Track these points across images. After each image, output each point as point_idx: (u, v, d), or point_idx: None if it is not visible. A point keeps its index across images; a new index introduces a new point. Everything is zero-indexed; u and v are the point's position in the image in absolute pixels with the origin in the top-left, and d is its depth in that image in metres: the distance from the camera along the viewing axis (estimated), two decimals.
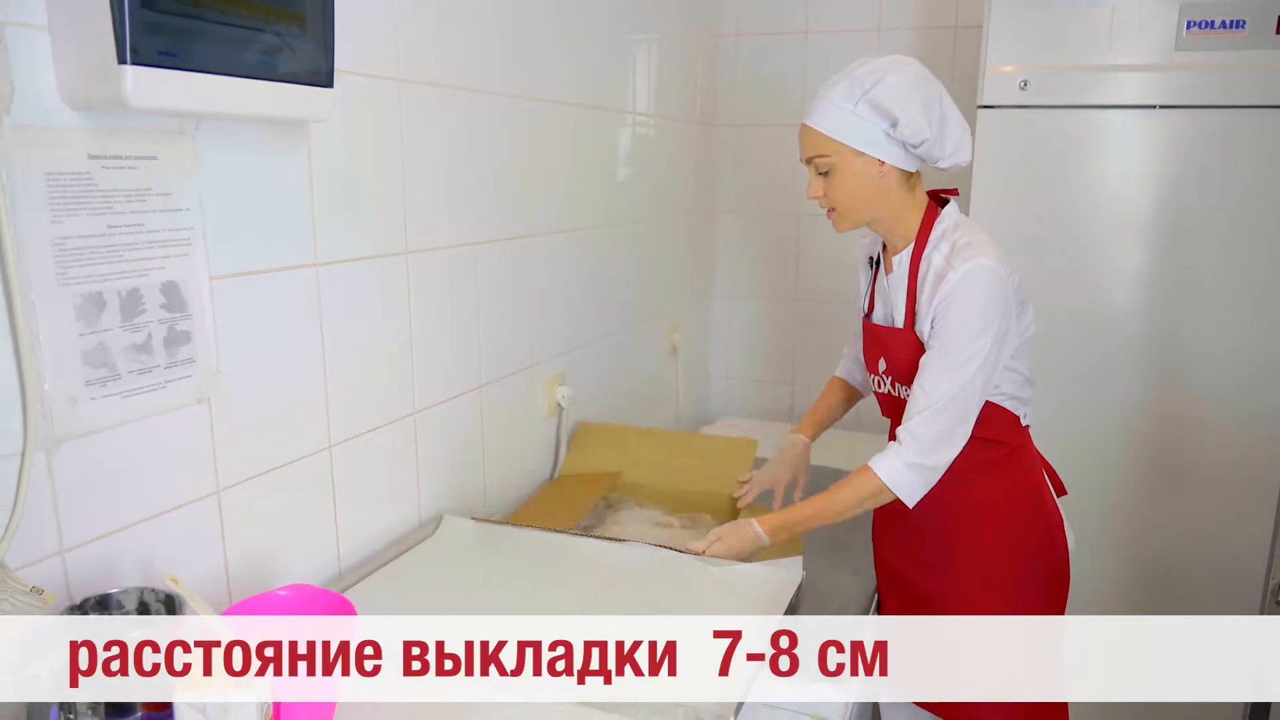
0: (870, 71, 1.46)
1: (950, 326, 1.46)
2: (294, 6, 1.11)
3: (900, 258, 1.58)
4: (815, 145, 1.50)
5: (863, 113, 1.46)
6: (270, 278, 1.26)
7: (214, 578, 1.21)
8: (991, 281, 1.45)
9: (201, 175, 1.14)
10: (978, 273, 1.44)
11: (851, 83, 1.47)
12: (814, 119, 1.50)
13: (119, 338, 1.05)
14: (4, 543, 0.94)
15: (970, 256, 1.46)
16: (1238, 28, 1.92)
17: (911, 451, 1.45)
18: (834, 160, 1.49)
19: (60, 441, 1.00)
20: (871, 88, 1.45)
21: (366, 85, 1.39)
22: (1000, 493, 1.59)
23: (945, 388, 1.45)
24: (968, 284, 1.45)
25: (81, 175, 0.99)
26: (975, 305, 1.45)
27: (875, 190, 1.51)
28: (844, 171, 1.50)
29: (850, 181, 1.50)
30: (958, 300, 1.45)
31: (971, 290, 1.44)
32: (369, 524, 1.51)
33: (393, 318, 1.52)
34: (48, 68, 0.95)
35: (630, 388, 2.45)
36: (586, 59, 2.08)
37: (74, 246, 0.99)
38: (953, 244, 1.50)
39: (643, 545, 1.53)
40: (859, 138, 1.47)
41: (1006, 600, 1.58)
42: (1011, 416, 1.59)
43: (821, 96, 1.50)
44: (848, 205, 1.53)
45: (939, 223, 1.54)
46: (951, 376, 1.45)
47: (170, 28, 0.96)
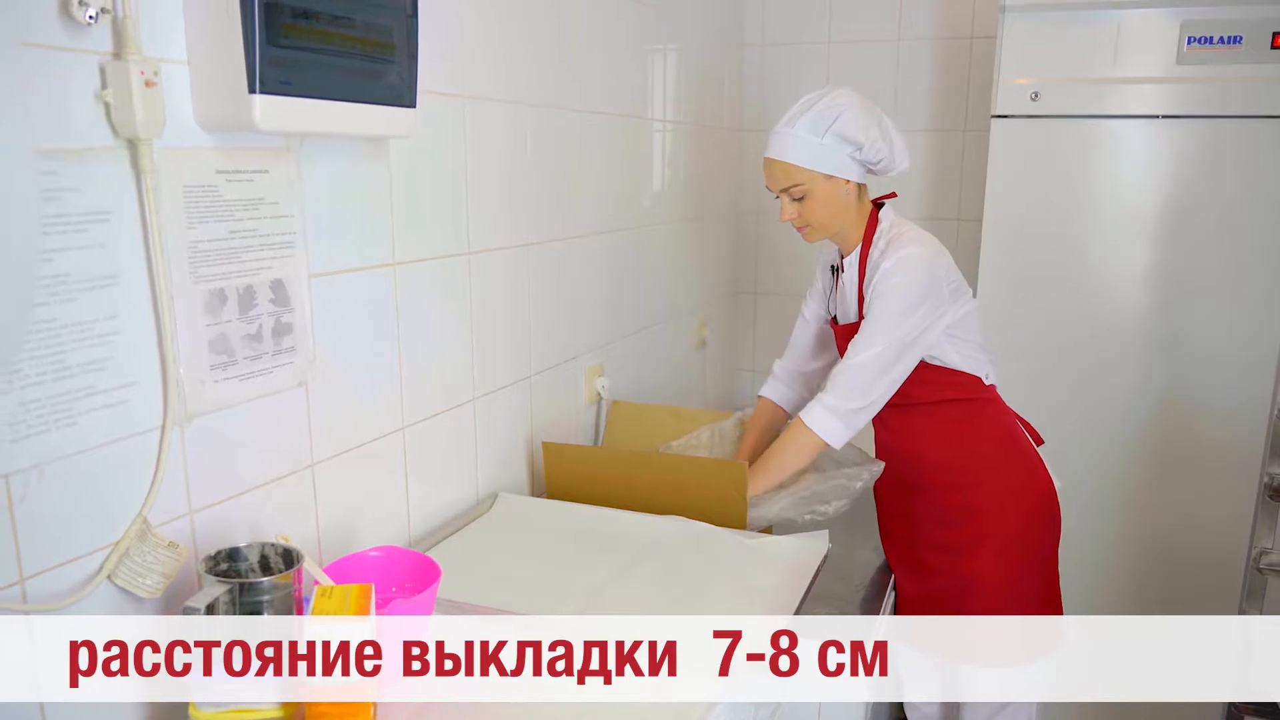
0: (829, 107, 1.68)
1: (879, 302, 1.69)
2: (386, 37, 1.26)
3: (850, 259, 1.81)
4: (788, 176, 1.72)
5: (829, 143, 1.69)
6: (357, 276, 1.42)
7: (308, 539, 1.37)
8: (916, 265, 1.68)
9: (303, 186, 1.29)
10: (906, 259, 1.68)
11: (815, 117, 1.68)
12: (784, 153, 1.71)
13: (237, 328, 1.21)
14: (148, 503, 1.10)
15: (900, 246, 1.70)
16: (1235, 43, 2.04)
17: (831, 397, 1.69)
18: (807, 187, 1.71)
19: (191, 418, 1.16)
20: (834, 120, 1.67)
21: (437, 102, 1.54)
22: (977, 441, 1.79)
23: (867, 348, 1.68)
24: (896, 268, 1.68)
25: (210, 188, 1.15)
26: (902, 285, 1.67)
27: (842, 205, 1.74)
28: (817, 194, 1.72)
29: (823, 201, 1.73)
30: (887, 282, 1.68)
31: (899, 273, 1.68)
32: (434, 499, 1.66)
33: (456, 312, 1.67)
34: (186, 96, 1.11)
35: (662, 379, 2.60)
36: (624, 72, 2.23)
37: (203, 249, 1.15)
38: (888, 239, 1.74)
39: (680, 519, 1.68)
40: (828, 164, 1.70)
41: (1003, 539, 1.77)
42: (972, 378, 1.79)
43: (784, 134, 1.71)
44: (823, 221, 1.75)
45: (879, 224, 1.78)
46: (873, 339, 1.68)
47: (289, 60, 1.11)
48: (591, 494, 1.82)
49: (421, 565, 1.27)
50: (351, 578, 1.24)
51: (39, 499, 0.98)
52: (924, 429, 1.80)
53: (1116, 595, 2.38)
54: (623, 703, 1.15)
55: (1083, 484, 2.34)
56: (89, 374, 1.02)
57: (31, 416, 0.97)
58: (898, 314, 1.68)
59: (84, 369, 1.02)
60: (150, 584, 1.09)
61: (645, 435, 2.14)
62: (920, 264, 1.68)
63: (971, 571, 1.78)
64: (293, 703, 1.04)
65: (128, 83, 1.00)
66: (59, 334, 0.98)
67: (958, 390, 1.78)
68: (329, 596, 1.04)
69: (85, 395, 1.02)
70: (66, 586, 1.02)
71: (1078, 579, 2.36)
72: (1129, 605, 2.37)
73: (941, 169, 2.79)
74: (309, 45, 1.13)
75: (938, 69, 2.78)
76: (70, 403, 1.00)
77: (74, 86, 0.98)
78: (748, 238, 3.15)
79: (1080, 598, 2.38)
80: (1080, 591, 2.38)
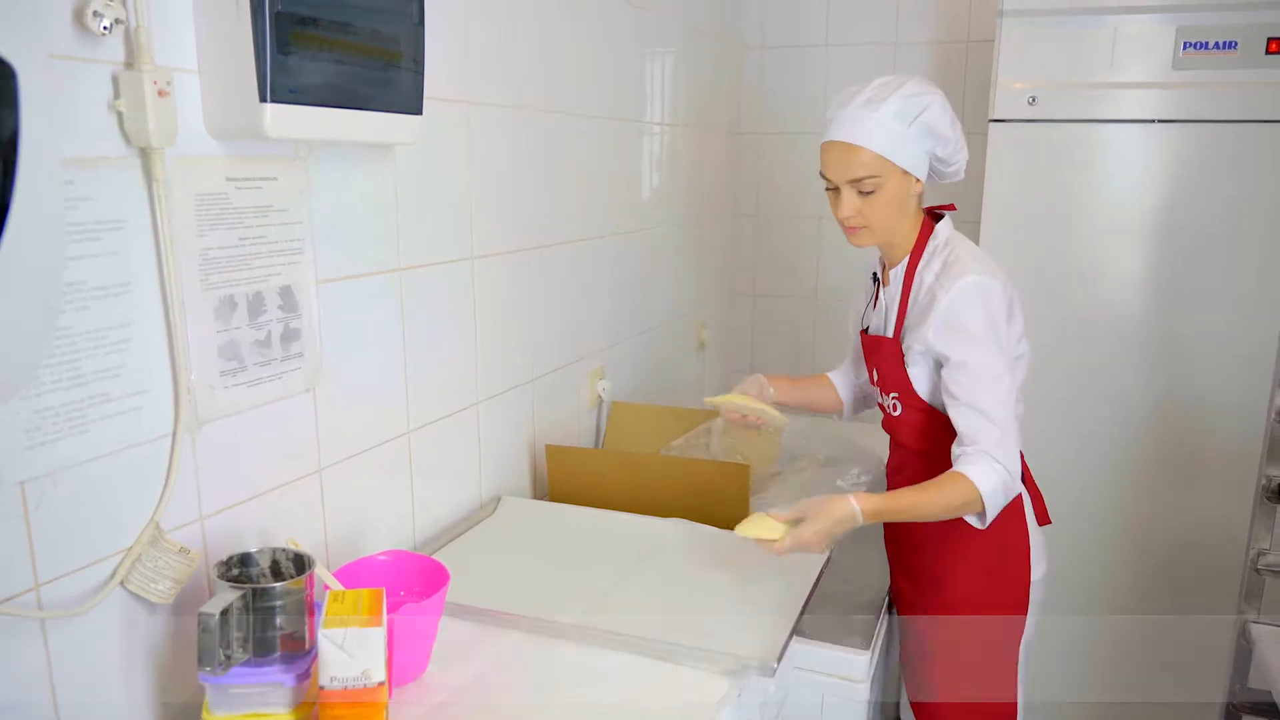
0: (919, 94, 1.48)
1: (962, 348, 1.47)
2: (394, 45, 1.27)
3: (896, 271, 1.61)
4: (864, 165, 1.48)
5: (915, 134, 1.48)
6: (363, 281, 1.43)
7: (316, 543, 1.38)
8: (980, 294, 1.47)
9: (311, 193, 1.30)
10: (966, 290, 1.46)
11: (903, 102, 1.47)
12: (863, 138, 1.47)
13: (246, 334, 1.22)
14: (160, 509, 1.11)
15: (957, 275, 1.48)
16: (1230, 48, 2.06)
17: (1004, 467, 1.43)
18: (881, 180, 1.49)
19: (202, 424, 1.16)
20: (924, 110, 1.47)
21: (441, 108, 1.55)
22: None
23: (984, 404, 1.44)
24: (961, 303, 1.46)
25: (220, 195, 1.16)
26: (976, 322, 1.46)
27: (906, 207, 1.55)
28: (888, 191, 1.50)
29: (892, 200, 1.51)
30: (958, 322, 1.47)
31: (967, 308, 1.46)
32: (438, 502, 1.67)
33: (460, 317, 1.68)
34: (197, 105, 1.12)
35: (662, 381, 2.61)
36: (624, 76, 2.24)
37: (214, 256, 1.16)
38: (943, 261, 1.53)
39: (683, 521, 1.69)
40: (908, 158, 1.49)
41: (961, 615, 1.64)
42: None
43: (864, 116, 1.47)
44: (884, 222, 1.53)
45: (933, 238, 1.57)
46: (982, 392, 1.44)
47: (299, 69, 1.12)
48: (594, 496, 1.83)
49: (430, 569, 1.28)
50: (361, 582, 1.25)
51: (53, 505, 0.99)
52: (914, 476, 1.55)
53: (1115, 596, 2.40)
54: (629, 703, 1.17)
55: (1081, 486, 2.36)
56: (102, 381, 1.03)
57: (46, 424, 0.97)
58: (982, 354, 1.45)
59: (97, 376, 1.02)
60: (162, 589, 1.09)
61: (646, 436, 2.15)
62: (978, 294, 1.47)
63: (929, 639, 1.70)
64: (306, 707, 1.05)
65: (140, 92, 1.01)
66: (74, 341, 0.99)
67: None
68: (341, 601, 1.05)
69: (99, 402, 1.03)
70: (80, 592, 1.03)
71: (1077, 580, 2.39)
72: (1128, 606, 2.39)
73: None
74: (318, 54, 1.14)
75: (935, 73, 2.79)
76: (84, 410, 1.01)
77: (87, 96, 0.99)
78: (746, 240, 3.16)
79: (1079, 598, 2.40)
80: (1079, 592, 2.40)
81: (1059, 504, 2.37)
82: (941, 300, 1.48)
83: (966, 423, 1.46)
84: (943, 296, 1.48)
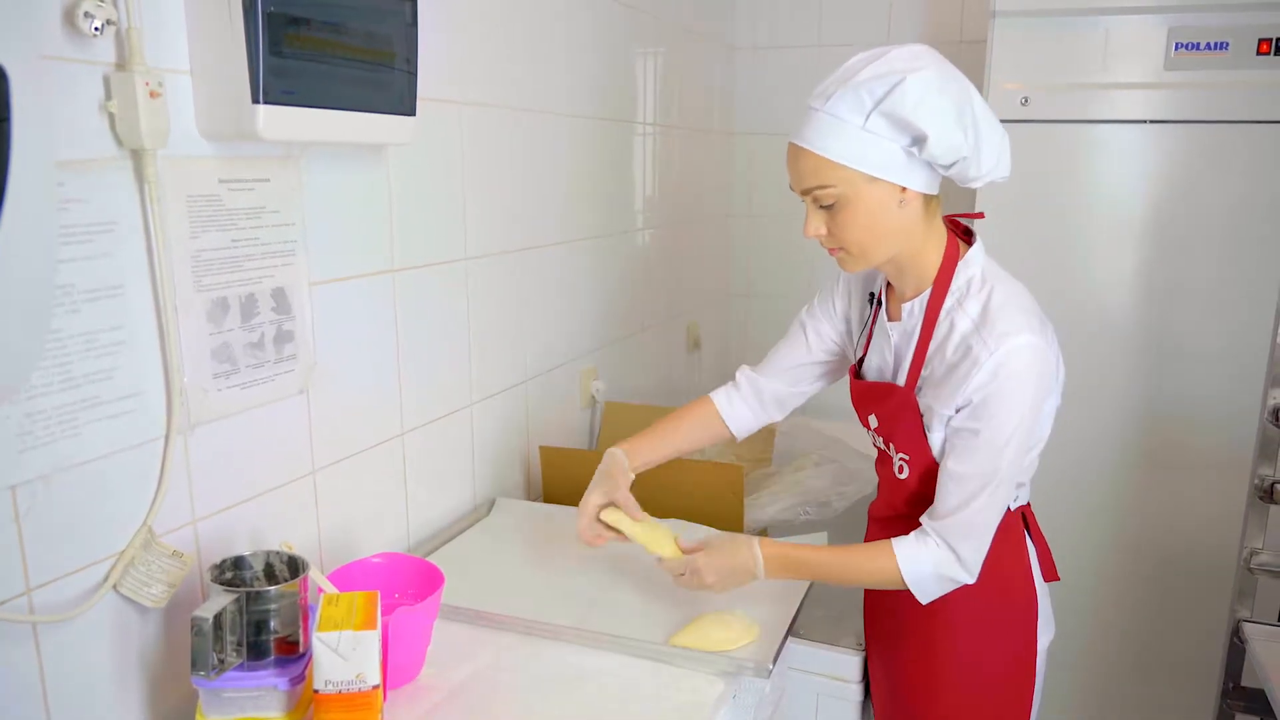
0: (882, 74, 1.14)
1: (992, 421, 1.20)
2: (387, 46, 1.26)
3: (912, 306, 1.30)
4: (815, 173, 1.19)
5: (877, 128, 1.15)
6: (356, 283, 1.42)
7: (309, 545, 1.37)
8: (1035, 363, 1.20)
9: (304, 194, 1.30)
10: (1021, 355, 1.19)
11: (857, 90, 1.14)
12: (809, 139, 1.19)
13: (239, 336, 1.21)
14: (153, 513, 1.10)
15: (1008, 334, 1.19)
16: (1222, 49, 2.07)
17: (948, 563, 1.23)
18: (841, 191, 1.18)
19: (195, 427, 1.16)
20: (885, 96, 1.13)
21: (433, 109, 1.55)
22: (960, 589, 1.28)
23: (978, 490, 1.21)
24: (1012, 371, 1.19)
25: (213, 197, 1.15)
26: (1022, 395, 1.20)
27: (895, 224, 1.22)
28: (856, 204, 1.19)
29: (864, 216, 1.20)
30: (1001, 391, 1.19)
31: (1017, 378, 1.19)
32: (432, 504, 1.67)
33: (453, 318, 1.68)
34: (189, 106, 1.11)
35: (656, 381, 2.61)
36: (616, 77, 2.24)
37: (206, 258, 1.15)
38: (983, 306, 1.23)
39: (678, 522, 1.67)
40: (873, 161, 1.16)
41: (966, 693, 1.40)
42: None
43: (816, 109, 1.18)
44: (863, 244, 1.23)
45: (962, 268, 1.26)
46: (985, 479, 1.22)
47: (292, 70, 1.11)
48: None
49: (424, 571, 1.27)
50: (355, 585, 1.25)
51: (45, 510, 0.99)
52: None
53: (1109, 595, 2.40)
54: (624, 704, 1.16)
55: (1074, 486, 2.36)
56: (94, 384, 1.02)
57: (38, 427, 0.97)
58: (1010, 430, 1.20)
59: (89, 379, 1.02)
60: (155, 593, 1.09)
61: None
62: (1031, 360, 1.20)
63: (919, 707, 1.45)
64: (300, 710, 1.04)
65: (132, 93, 1.00)
66: (65, 344, 0.99)
67: None
68: (335, 604, 1.05)
69: (91, 405, 1.02)
70: (73, 597, 1.02)
71: (1071, 582, 2.38)
72: (1121, 605, 2.40)
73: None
74: (311, 55, 1.14)
75: None
76: (75, 413, 1.01)
77: (78, 97, 0.98)
78: (739, 241, 3.16)
79: (1074, 600, 2.41)
80: (1073, 592, 2.40)
81: (1052, 505, 2.38)
82: (985, 363, 1.19)
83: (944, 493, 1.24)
84: (985, 359, 1.19)
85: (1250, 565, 1.84)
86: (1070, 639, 2.43)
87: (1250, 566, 1.84)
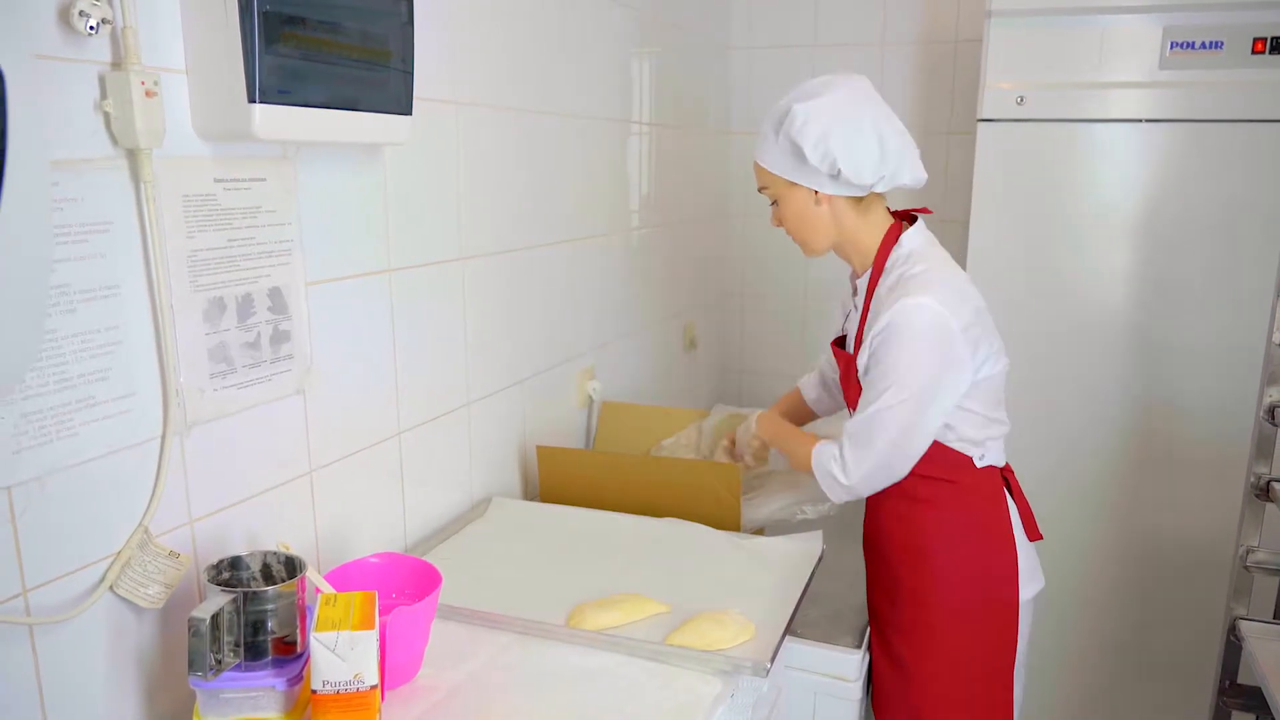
0: (787, 102, 1.45)
1: (882, 363, 1.43)
2: (383, 45, 1.26)
3: (861, 282, 1.56)
4: (759, 176, 1.54)
5: (784, 146, 1.46)
6: (352, 283, 1.42)
7: (306, 545, 1.37)
8: (923, 324, 1.40)
9: (300, 194, 1.29)
10: (910, 311, 1.40)
11: (774, 114, 1.47)
12: (755, 149, 1.52)
13: (236, 336, 1.21)
14: (149, 513, 1.10)
15: (909, 292, 1.41)
16: (1216, 48, 2.07)
17: (841, 471, 1.49)
18: (775, 191, 1.52)
19: (191, 427, 1.15)
20: (784, 121, 1.44)
21: (429, 108, 1.55)
22: (940, 530, 1.55)
23: (872, 419, 1.45)
24: (900, 323, 1.41)
25: (209, 197, 1.15)
26: (906, 345, 1.41)
27: (820, 219, 1.50)
28: (786, 203, 1.51)
29: (794, 212, 1.51)
30: (889, 338, 1.42)
31: (903, 329, 1.41)
32: (429, 503, 1.66)
33: (450, 318, 1.67)
34: (184, 106, 1.11)
35: (652, 381, 2.61)
36: (612, 76, 2.24)
37: (202, 258, 1.15)
38: (900, 275, 1.46)
39: (675, 521, 1.69)
40: (789, 169, 1.47)
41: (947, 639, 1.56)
42: (960, 457, 1.53)
43: (761, 126, 1.51)
44: (801, 234, 1.54)
45: (896, 248, 1.50)
46: (881, 417, 1.44)
47: (287, 69, 1.11)
48: (585, 497, 1.82)
49: (421, 571, 1.27)
50: (352, 585, 1.25)
51: (41, 511, 0.98)
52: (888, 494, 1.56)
53: (1105, 593, 2.41)
54: (622, 704, 1.16)
55: (1070, 485, 2.37)
56: (90, 385, 1.02)
57: (33, 428, 0.96)
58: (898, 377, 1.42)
59: (85, 380, 1.01)
60: (152, 594, 1.09)
61: (636, 435, 2.15)
62: (925, 321, 1.40)
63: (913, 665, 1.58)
64: (298, 711, 1.04)
65: (128, 93, 1.00)
66: (60, 345, 0.98)
67: (936, 468, 1.52)
68: (333, 605, 1.05)
69: (86, 406, 1.02)
70: (69, 598, 1.02)
71: (1067, 578, 2.40)
72: (1118, 603, 2.41)
73: (927, 172, 2.80)
74: (307, 54, 1.13)
75: (922, 72, 2.80)
76: (71, 414, 1.00)
77: (74, 97, 0.98)
78: (735, 240, 3.16)
79: (1070, 597, 2.41)
80: (1070, 591, 2.41)
81: (1049, 505, 2.39)
82: (884, 316, 1.43)
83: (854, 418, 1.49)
84: (885, 315, 1.42)
85: (1246, 563, 1.84)
86: (1067, 637, 2.45)
87: (1246, 564, 1.84)
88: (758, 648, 1.27)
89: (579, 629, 1.31)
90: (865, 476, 1.49)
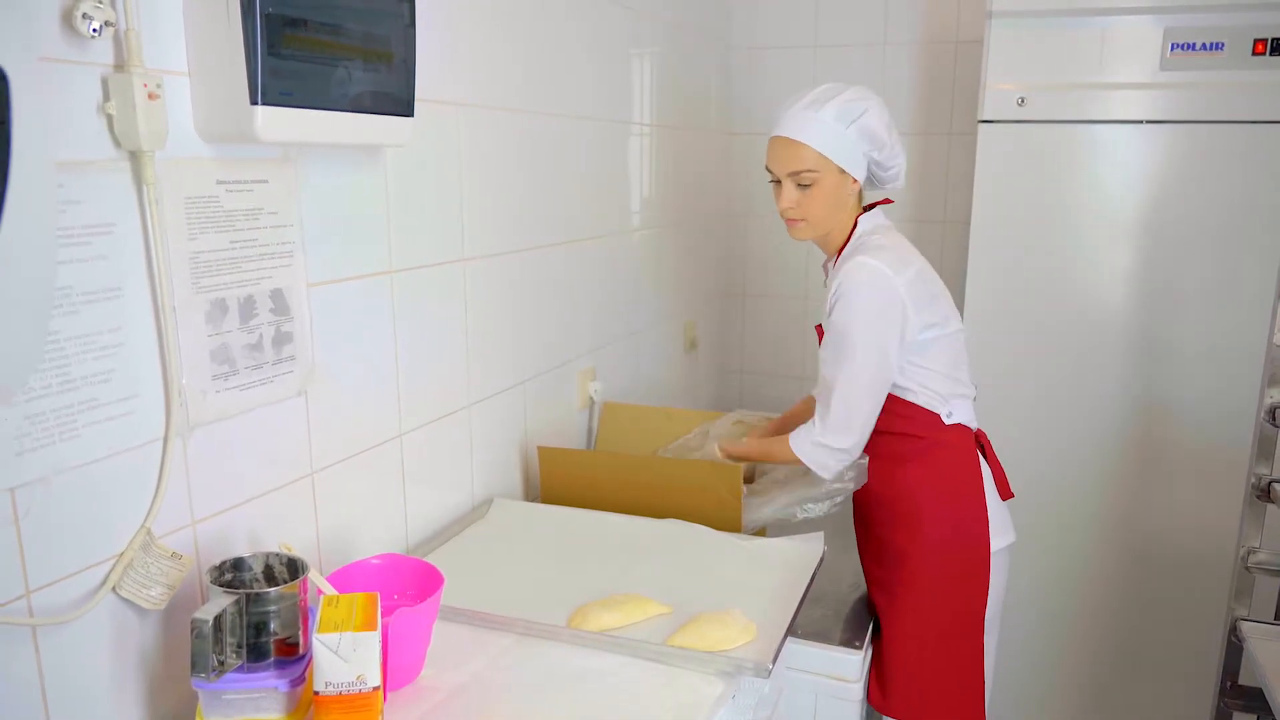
0: (858, 99, 1.62)
1: (834, 322, 1.63)
2: (385, 46, 1.26)
3: (831, 262, 1.75)
4: (801, 160, 1.63)
5: (853, 136, 1.62)
6: (354, 284, 1.42)
7: (308, 546, 1.37)
8: (866, 278, 1.59)
9: (301, 195, 1.30)
10: (855, 270, 1.60)
11: (844, 106, 1.61)
12: (803, 135, 1.62)
13: (238, 338, 1.21)
14: (151, 514, 1.10)
15: (852, 257, 1.61)
16: (1217, 49, 2.08)
17: (817, 431, 1.65)
18: (819, 175, 1.63)
19: (193, 429, 1.16)
20: (861, 115, 1.61)
21: (431, 110, 1.55)
22: (914, 485, 1.69)
23: (835, 379, 1.62)
24: (846, 282, 1.60)
25: (211, 199, 1.15)
26: (853, 302, 1.59)
27: (842, 204, 1.68)
28: (824, 187, 1.64)
29: (828, 196, 1.65)
30: (839, 300, 1.61)
31: (849, 288, 1.60)
32: (431, 505, 1.66)
33: (451, 319, 1.68)
34: (187, 108, 1.11)
35: (653, 381, 2.62)
36: (613, 77, 2.24)
37: (205, 260, 1.15)
38: (853, 247, 1.67)
39: (676, 522, 1.69)
40: (846, 157, 1.63)
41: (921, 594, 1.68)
42: (928, 414, 1.68)
43: (808, 116, 1.62)
44: (820, 217, 1.68)
45: (857, 230, 1.70)
46: (838, 368, 1.62)
47: (289, 71, 1.11)
48: (586, 498, 1.82)
49: (423, 572, 1.27)
50: (354, 586, 1.25)
51: (44, 512, 0.98)
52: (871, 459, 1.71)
53: (1107, 594, 2.41)
54: (624, 704, 1.16)
55: (1071, 485, 2.37)
56: (92, 386, 1.02)
57: (36, 430, 0.97)
58: (853, 331, 1.60)
59: (87, 381, 1.02)
60: (154, 595, 1.09)
61: (637, 436, 2.15)
62: (867, 275, 1.59)
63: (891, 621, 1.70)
64: (301, 712, 1.04)
65: (130, 95, 1.00)
66: (63, 347, 0.98)
67: (907, 425, 1.69)
68: (335, 606, 1.05)
69: (89, 407, 1.02)
70: (72, 599, 1.02)
71: (1071, 581, 2.40)
72: (1119, 603, 2.41)
73: (928, 172, 2.81)
74: (309, 56, 1.14)
75: (923, 73, 2.80)
76: (74, 415, 1.00)
77: (77, 99, 0.98)
78: (737, 241, 3.16)
79: (1070, 596, 2.42)
80: (1070, 590, 2.41)
81: (1049, 503, 2.39)
82: (834, 283, 1.63)
83: (818, 394, 1.67)
84: (836, 277, 1.63)
85: (1248, 564, 1.84)
86: (1069, 638, 2.45)
87: (1248, 565, 1.84)
88: (759, 649, 1.27)
89: (581, 630, 1.31)
90: (845, 430, 1.63)
